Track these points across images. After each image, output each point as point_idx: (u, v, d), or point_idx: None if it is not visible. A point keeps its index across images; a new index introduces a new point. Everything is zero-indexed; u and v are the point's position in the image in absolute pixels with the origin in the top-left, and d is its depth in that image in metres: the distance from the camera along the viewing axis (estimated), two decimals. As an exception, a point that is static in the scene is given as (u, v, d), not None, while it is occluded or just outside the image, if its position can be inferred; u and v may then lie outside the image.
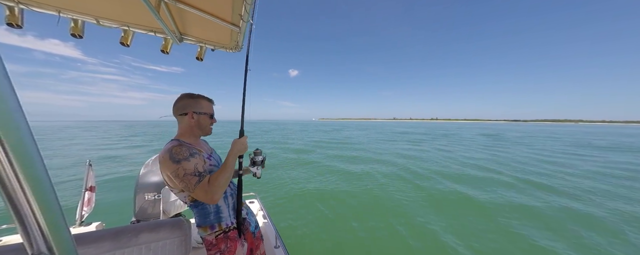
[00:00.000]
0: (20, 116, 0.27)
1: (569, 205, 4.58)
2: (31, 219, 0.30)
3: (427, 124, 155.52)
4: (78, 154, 11.53)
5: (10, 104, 0.26)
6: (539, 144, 16.48)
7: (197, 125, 1.12)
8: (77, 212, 2.05)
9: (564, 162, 9.45)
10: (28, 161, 0.28)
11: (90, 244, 1.11)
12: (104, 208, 4.25)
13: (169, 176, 0.98)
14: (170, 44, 1.63)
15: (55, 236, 0.31)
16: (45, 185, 0.30)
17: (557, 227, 3.66)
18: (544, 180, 6.36)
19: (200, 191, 0.96)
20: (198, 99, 1.13)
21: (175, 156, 0.96)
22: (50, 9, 1.24)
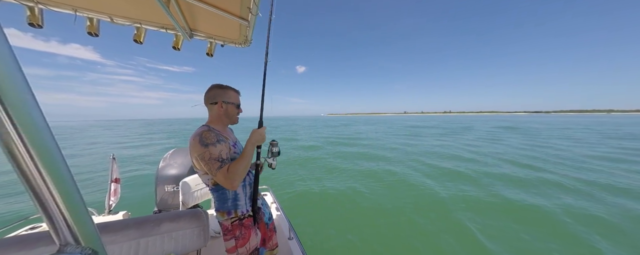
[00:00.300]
0: (39, 116, 0.28)
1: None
2: (56, 212, 0.31)
3: (439, 117, 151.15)
4: (103, 150, 12.26)
5: (30, 105, 0.27)
6: (578, 136, 15.17)
7: (225, 113, 1.19)
8: (106, 202, 2.19)
9: (618, 157, 8.06)
10: (51, 159, 0.29)
11: (118, 232, 1.18)
12: (129, 199, 4.51)
13: (196, 158, 1.05)
14: (181, 40, 1.64)
15: (80, 227, 0.33)
16: (67, 180, 0.31)
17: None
18: (606, 180, 5.18)
19: (221, 176, 1.03)
20: (226, 89, 1.20)
21: (204, 140, 1.04)
22: (67, 8, 1.27)
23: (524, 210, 3.87)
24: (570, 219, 3.54)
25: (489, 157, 8.42)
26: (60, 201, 0.31)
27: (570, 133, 17.87)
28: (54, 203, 0.30)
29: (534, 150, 9.82)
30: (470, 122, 42.46)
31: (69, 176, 0.31)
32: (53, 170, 0.29)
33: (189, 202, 1.94)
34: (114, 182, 2.31)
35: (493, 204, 4.14)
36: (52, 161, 0.29)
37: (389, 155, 9.11)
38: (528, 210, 3.85)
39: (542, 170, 6.46)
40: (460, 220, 3.54)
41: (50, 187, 0.30)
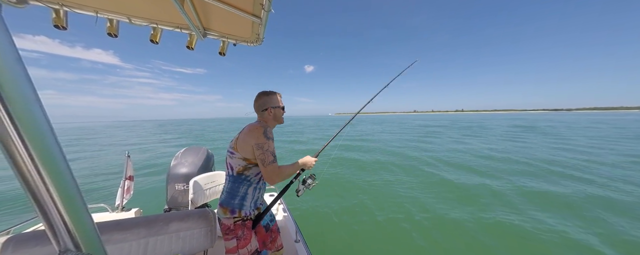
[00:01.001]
0: (41, 116, 0.27)
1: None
2: (56, 217, 0.30)
3: (450, 116, 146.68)
4: (120, 148, 12.83)
5: (34, 107, 0.27)
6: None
7: (274, 117, 1.32)
8: (118, 199, 2.27)
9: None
10: (51, 161, 0.28)
11: (128, 230, 1.20)
12: (141, 195, 4.68)
13: (253, 145, 1.15)
14: (195, 39, 1.67)
15: (81, 232, 0.32)
16: (69, 183, 0.30)
17: None
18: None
19: (270, 168, 1.16)
20: (271, 95, 1.32)
21: (268, 134, 1.19)
22: (89, 10, 1.33)
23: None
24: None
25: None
26: (60, 205, 0.30)
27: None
28: (54, 207, 0.29)
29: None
30: (483, 120, 40.99)
31: (70, 179, 0.30)
32: (54, 173, 0.28)
33: (198, 200, 1.97)
34: (128, 179, 2.39)
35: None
36: (53, 163, 0.28)
37: (392, 160, 8.90)
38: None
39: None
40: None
41: (50, 190, 0.28)
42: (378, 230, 3.33)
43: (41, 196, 0.28)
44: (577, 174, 5.90)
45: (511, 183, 5.19)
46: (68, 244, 0.31)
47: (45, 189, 0.28)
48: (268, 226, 1.37)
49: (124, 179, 2.32)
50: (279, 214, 2.09)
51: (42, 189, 0.28)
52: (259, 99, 1.31)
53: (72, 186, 0.30)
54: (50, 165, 0.28)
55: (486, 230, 3.19)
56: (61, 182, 0.29)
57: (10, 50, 0.25)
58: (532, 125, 25.11)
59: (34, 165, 0.27)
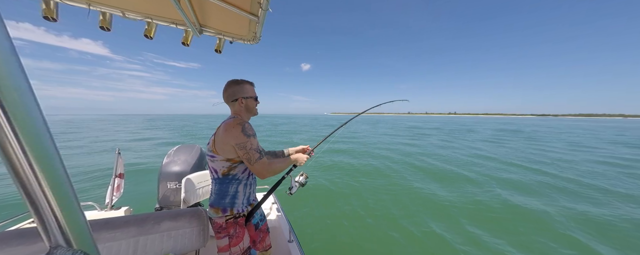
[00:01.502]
0: (36, 111, 0.27)
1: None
2: (48, 212, 0.30)
3: (443, 118, 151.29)
4: (108, 143, 12.46)
5: (28, 100, 0.26)
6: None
7: (246, 108, 1.23)
8: (108, 197, 2.20)
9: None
10: (45, 155, 0.28)
11: (118, 229, 1.18)
12: (130, 194, 4.56)
13: (234, 145, 1.09)
14: (190, 36, 1.65)
15: (73, 228, 0.31)
16: (62, 178, 0.30)
17: None
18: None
19: (259, 165, 1.12)
20: (242, 84, 1.22)
21: (247, 131, 1.11)
22: (81, 2, 1.29)
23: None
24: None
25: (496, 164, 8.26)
26: (53, 200, 0.29)
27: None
28: (46, 202, 0.29)
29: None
30: (474, 124, 42.19)
31: (63, 174, 0.30)
32: (47, 167, 0.28)
33: (191, 199, 1.94)
34: (118, 177, 2.32)
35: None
36: (47, 157, 0.28)
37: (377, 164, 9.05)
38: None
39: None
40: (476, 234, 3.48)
41: (42, 185, 0.28)
42: (370, 231, 3.37)
43: (33, 191, 0.28)
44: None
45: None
46: (59, 240, 0.31)
47: (37, 183, 0.28)
48: (258, 225, 1.36)
49: (113, 177, 2.25)
50: (273, 213, 2.08)
51: (34, 183, 0.28)
52: (228, 88, 1.21)
53: (64, 182, 0.30)
54: (43, 160, 0.28)
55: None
56: (54, 177, 0.29)
57: (5, 44, 0.25)
58: (519, 130, 25.95)
59: (26, 159, 0.27)
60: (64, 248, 0.31)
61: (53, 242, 0.31)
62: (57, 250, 0.31)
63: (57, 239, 0.31)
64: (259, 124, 40.22)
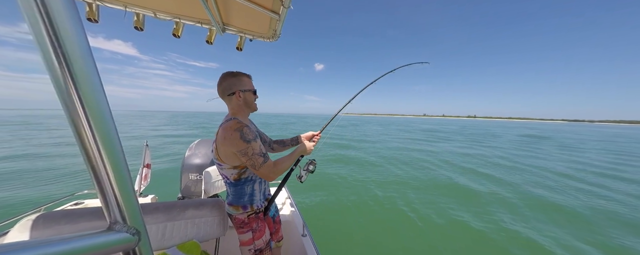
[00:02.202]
0: (106, 108, 0.32)
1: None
2: (111, 193, 0.34)
3: (461, 121, 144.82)
4: (137, 136, 13.36)
5: (100, 97, 0.31)
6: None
7: (245, 103, 1.15)
8: (136, 185, 2.37)
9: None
10: (111, 146, 0.33)
11: (149, 214, 1.27)
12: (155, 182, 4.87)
13: (234, 152, 1.04)
14: (214, 34, 1.73)
15: (128, 208, 0.36)
16: (122, 165, 0.34)
17: None
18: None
19: (265, 169, 1.07)
20: (240, 76, 1.13)
21: (246, 136, 1.03)
22: (118, 4, 1.40)
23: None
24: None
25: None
26: (115, 184, 0.34)
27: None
28: (110, 185, 0.34)
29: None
30: (492, 128, 39.75)
31: (123, 162, 0.35)
32: (113, 157, 0.33)
33: (210, 190, 2.03)
34: (146, 167, 2.50)
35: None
36: (113, 149, 0.33)
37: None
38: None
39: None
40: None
41: (108, 171, 0.33)
42: (381, 226, 3.34)
43: (101, 175, 0.33)
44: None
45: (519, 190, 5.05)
46: (118, 217, 0.36)
47: (104, 169, 0.33)
48: (274, 217, 1.40)
49: (142, 167, 2.42)
50: (286, 208, 2.12)
51: (102, 169, 0.33)
52: (223, 81, 1.12)
53: (124, 168, 0.35)
54: (110, 150, 0.33)
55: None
56: (117, 163, 0.34)
57: (84, 45, 0.29)
58: (547, 136, 24.00)
59: (97, 149, 0.32)
60: (120, 224, 0.36)
61: (113, 218, 0.36)
62: (116, 225, 0.36)
63: (116, 215, 0.36)
64: (270, 122, 40.96)
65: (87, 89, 0.30)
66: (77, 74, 0.29)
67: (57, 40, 0.27)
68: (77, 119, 0.30)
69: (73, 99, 0.29)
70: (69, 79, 0.29)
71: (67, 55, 0.28)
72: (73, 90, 0.29)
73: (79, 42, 0.29)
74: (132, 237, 0.36)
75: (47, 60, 0.27)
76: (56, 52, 0.27)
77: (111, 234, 0.34)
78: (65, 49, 0.28)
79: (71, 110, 0.30)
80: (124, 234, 0.35)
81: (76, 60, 0.29)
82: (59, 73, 0.28)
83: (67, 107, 0.30)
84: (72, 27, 0.28)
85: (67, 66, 0.28)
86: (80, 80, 0.29)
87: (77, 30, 0.28)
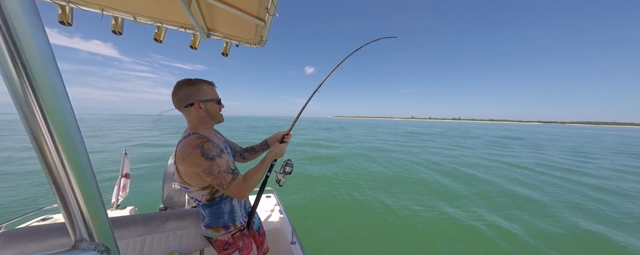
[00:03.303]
0: (71, 114, 0.29)
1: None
2: (75, 208, 0.32)
3: (446, 123, 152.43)
4: (115, 143, 12.63)
5: (63, 102, 0.28)
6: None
7: (206, 114, 1.01)
8: (114, 196, 2.23)
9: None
10: (76, 156, 0.30)
11: (125, 228, 1.19)
12: (136, 193, 4.61)
13: (197, 173, 0.91)
14: (198, 39, 1.69)
15: (96, 223, 0.33)
16: (89, 177, 0.32)
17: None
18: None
19: (235, 188, 0.96)
20: (198, 85, 0.99)
21: (209, 152, 0.89)
22: (95, 7, 1.34)
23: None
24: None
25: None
26: (80, 197, 0.31)
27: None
28: (74, 199, 0.31)
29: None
30: (476, 129, 41.98)
31: (90, 174, 0.32)
32: (77, 168, 0.30)
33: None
34: (124, 177, 2.36)
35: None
36: (77, 159, 0.30)
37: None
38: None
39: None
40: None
41: (72, 184, 0.30)
42: (369, 229, 3.37)
43: (64, 188, 0.30)
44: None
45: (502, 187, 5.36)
46: (83, 234, 0.33)
47: (67, 181, 0.30)
48: (258, 229, 1.35)
49: (119, 177, 2.29)
50: (275, 215, 2.08)
51: (65, 181, 0.30)
52: (178, 90, 0.97)
53: (91, 180, 0.32)
54: (74, 160, 0.30)
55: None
56: (83, 176, 0.31)
57: (45, 46, 0.27)
58: (521, 137, 25.64)
59: (60, 159, 0.29)
60: (87, 241, 0.33)
61: (78, 235, 0.33)
62: (82, 244, 0.33)
63: (82, 233, 0.33)
64: (258, 125, 40.41)
65: (47, 93, 0.27)
66: (36, 76, 0.26)
67: (11, 40, 0.25)
68: (35, 126, 0.27)
69: (30, 103, 0.26)
70: (25, 82, 0.26)
71: (24, 57, 0.25)
72: (30, 94, 0.26)
73: (38, 42, 0.26)
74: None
75: (1, 64, 0.25)
76: (11, 53, 0.25)
77: (76, 253, 0.32)
78: (21, 49, 0.25)
79: (28, 116, 0.27)
80: (91, 252, 0.33)
81: (34, 62, 0.26)
82: (14, 75, 0.25)
83: (23, 112, 0.27)
84: (29, 27, 0.25)
85: (24, 68, 0.26)
86: (39, 84, 0.26)
87: (35, 30, 0.26)
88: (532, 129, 59.18)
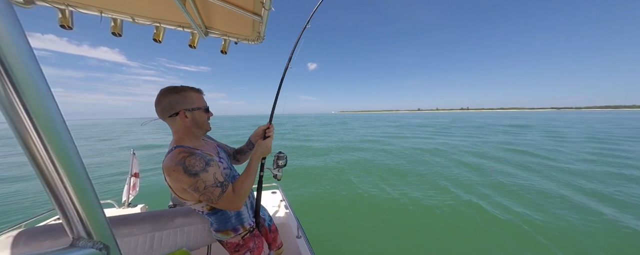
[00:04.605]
0: (56, 114, 0.29)
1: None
2: (70, 207, 0.32)
3: (452, 114, 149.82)
4: (125, 144, 13.04)
5: (48, 102, 0.29)
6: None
7: (193, 124, 0.96)
8: (124, 195, 2.31)
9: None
10: (66, 156, 0.30)
11: (135, 225, 1.22)
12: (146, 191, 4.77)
13: (185, 189, 0.87)
14: (197, 38, 1.69)
15: (93, 221, 0.34)
16: (81, 176, 0.32)
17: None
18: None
19: (225, 201, 0.90)
20: (184, 92, 0.94)
21: (191, 168, 0.83)
22: (93, 10, 1.35)
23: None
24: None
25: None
26: (74, 196, 0.32)
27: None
28: (69, 198, 0.31)
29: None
30: (484, 119, 40.94)
31: (83, 172, 0.32)
32: (68, 167, 0.31)
33: None
34: (134, 176, 2.43)
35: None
36: (68, 158, 0.31)
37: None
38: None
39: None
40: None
41: (65, 183, 0.31)
42: (370, 223, 3.37)
43: (56, 187, 0.30)
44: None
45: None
46: (81, 232, 0.34)
47: (60, 181, 0.30)
48: (270, 226, 1.36)
49: (129, 176, 2.36)
50: (281, 210, 2.11)
51: (57, 181, 0.30)
52: (162, 99, 0.91)
53: (84, 178, 0.32)
54: (65, 159, 0.30)
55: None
56: (74, 174, 0.31)
57: (25, 49, 0.27)
58: (529, 125, 24.75)
59: (50, 158, 0.29)
60: (85, 239, 0.34)
61: (75, 234, 0.34)
62: (79, 241, 0.34)
63: (79, 231, 0.34)
64: (259, 123, 40.59)
65: (31, 96, 0.27)
66: (18, 80, 0.26)
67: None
68: (22, 130, 0.27)
69: (16, 108, 0.27)
70: (8, 86, 0.26)
71: (5, 62, 0.26)
72: (15, 98, 0.26)
73: (17, 45, 0.26)
74: (100, 252, 0.34)
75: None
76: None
77: (74, 251, 0.32)
78: (2, 54, 0.25)
79: (15, 120, 0.27)
80: (90, 249, 0.33)
81: (15, 66, 0.26)
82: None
83: (9, 117, 0.27)
84: (7, 29, 0.26)
85: (6, 73, 0.26)
86: (22, 87, 0.26)
87: (13, 33, 0.26)
88: (549, 116, 56.73)
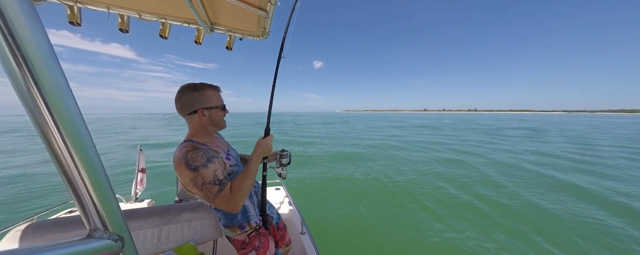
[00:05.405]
0: (75, 109, 0.30)
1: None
2: (88, 200, 0.33)
3: (460, 115, 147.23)
4: (132, 140, 13.35)
5: (67, 97, 0.30)
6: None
7: (210, 122, 0.98)
8: (132, 190, 2.36)
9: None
10: (84, 150, 0.31)
11: (143, 219, 1.24)
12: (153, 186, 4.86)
13: (187, 183, 0.88)
14: (202, 34, 1.68)
15: (108, 213, 0.35)
16: (98, 169, 0.33)
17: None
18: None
19: (222, 201, 0.87)
20: (204, 90, 0.95)
21: (192, 162, 0.84)
22: (101, 6, 1.36)
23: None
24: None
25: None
26: (91, 189, 0.33)
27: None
28: (86, 191, 0.32)
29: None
30: (492, 121, 39.96)
31: (100, 166, 0.33)
32: (86, 160, 0.31)
33: None
34: (141, 171, 2.48)
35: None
36: (85, 151, 0.31)
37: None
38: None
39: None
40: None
41: (83, 176, 0.32)
42: (368, 221, 3.34)
43: (75, 180, 0.31)
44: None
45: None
46: (97, 224, 0.34)
47: (78, 173, 0.31)
48: (277, 225, 1.35)
49: (137, 171, 2.40)
50: (285, 206, 2.11)
51: (76, 173, 0.31)
52: (182, 96, 0.93)
53: (101, 172, 0.33)
54: (83, 152, 0.31)
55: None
56: (92, 167, 0.32)
57: (46, 46, 0.28)
58: (543, 129, 24.03)
59: (68, 152, 0.30)
60: (101, 231, 0.35)
61: (92, 225, 0.35)
62: (96, 232, 0.34)
63: (95, 222, 0.34)
64: (262, 122, 40.94)
65: (52, 91, 0.28)
66: (39, 76, 0.27)
67: (15, 43, 0.26)
68: (43, 124, 0.29)
69: (37, 103, 0.28)
70: (30, 82, 0.27)
71: (27, 58, 0.27)
72: (36, 94, 0.27)
73: (39, 42, 0.27)
74: (115, 243, 0.35)
75: (5, 64, 0.26)
76: (14, 55, 0.26)
77: (91, 242, 0.33)
78: (24, 51, 0.26)
79: (36, 115, 0.28)
80: (106, 240, 0.34)
81: (37, 62, 0.27)
82: (20, 76, 0.27)
83: (31, 112, 0.28)
84: (30, 27, 0.26)
85: (28, 69, 0.27)
86: (43, 83, 0.27)
87: (35, 30, 0.27)
88: (562, 120, 55.25)
